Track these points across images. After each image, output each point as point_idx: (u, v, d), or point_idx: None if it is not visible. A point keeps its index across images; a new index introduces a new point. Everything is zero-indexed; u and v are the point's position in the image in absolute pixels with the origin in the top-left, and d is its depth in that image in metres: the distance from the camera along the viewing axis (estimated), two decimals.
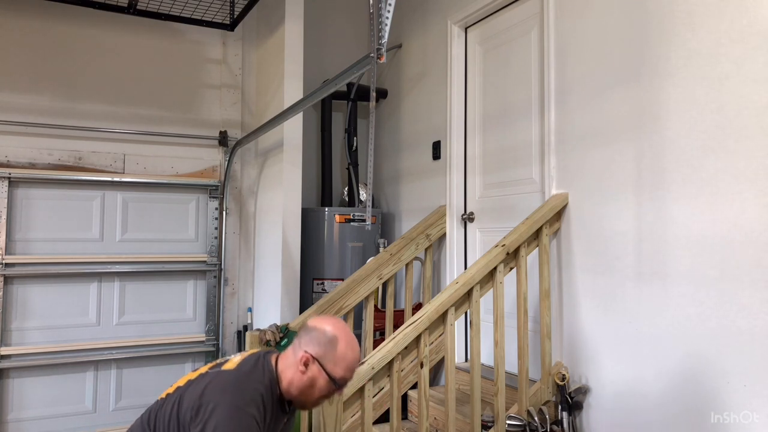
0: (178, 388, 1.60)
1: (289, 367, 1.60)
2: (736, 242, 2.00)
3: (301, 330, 1.64)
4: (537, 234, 2.65)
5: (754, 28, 1.98)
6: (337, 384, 1.58)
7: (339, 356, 1.57)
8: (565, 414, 2.50)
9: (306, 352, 1.57)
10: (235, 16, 3.86)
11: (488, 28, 3.34)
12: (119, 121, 3.86)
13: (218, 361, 1.68)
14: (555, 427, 2.51)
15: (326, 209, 3.83)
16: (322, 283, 3.79)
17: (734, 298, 2.00)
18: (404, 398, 3.21)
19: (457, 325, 2.67)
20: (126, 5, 3.58)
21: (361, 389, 2.13)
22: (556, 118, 2.76)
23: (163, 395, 1.63)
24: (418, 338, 2.27)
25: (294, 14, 3.64)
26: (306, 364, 1.56)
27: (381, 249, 3.74)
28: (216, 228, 4.05)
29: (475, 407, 2.38)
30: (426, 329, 2.28)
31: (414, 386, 3.08)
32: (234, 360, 1.62)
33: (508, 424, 2.42)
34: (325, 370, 1.56)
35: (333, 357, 1.57)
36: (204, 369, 1.64)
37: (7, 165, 3.55)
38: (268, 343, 2.74)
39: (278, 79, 3.70)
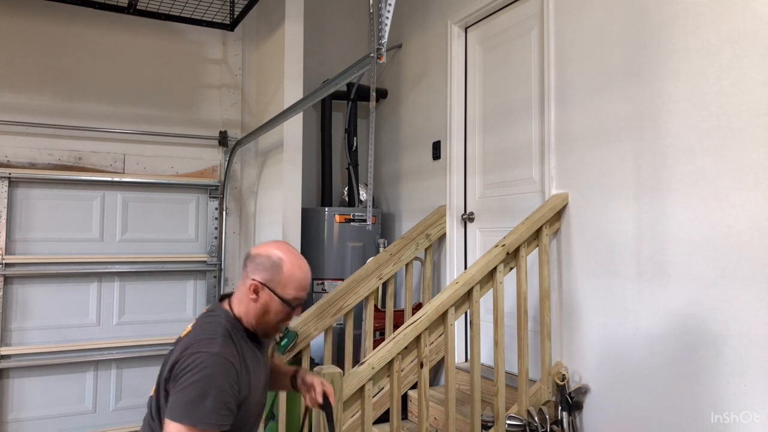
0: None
1: (242, 300, 1.59)
2: (736, 242, 2.00)
3: (246, 260, 1.61)
4: (537, 234, 2.65)
5: (754, 28, 1.98)
6: (290, 305, 1.58)
7: (287, 277, 1.57)
8: (565, 414, 2.50)
9: (254, 279, 1.56)
10: (235, 16, 3.86)
11: (488, 28, 3.34)
12: (119, 121, 3.86)
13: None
14: (555, 427, 2.51)
15: (326, 209, 3.83)
16: (322, 283, 3.79)
17: (734, 297, 2.00)
18: (404, 398, 3.21)
19: (457, 325, 2.67)
20: (126, 5, 3.58)
21: (361, 389, 2.13)
22: (556, 118, 2.76)
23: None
24: (418, 338, 2.27)
25: (294, 14, 3.64)
26: (256, 292, 1.56)
27: (381, 249, 3.74)
28: (216, 228, 4.05)
29: (475, 407, 2.38)
30: (426, 329, 2.28)
31: (414, 386, 3.08)
32: (188, 327, 1.61)
33: (508, 424, 2.42)
34: (275, 294, 1.56)
35: (281, 279, 1.56)
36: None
37: (7, 165, 3.55)
38: None
39: (278, 79, 3.70)
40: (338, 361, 3.38)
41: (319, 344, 3.33)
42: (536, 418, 2.46)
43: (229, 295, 1.66)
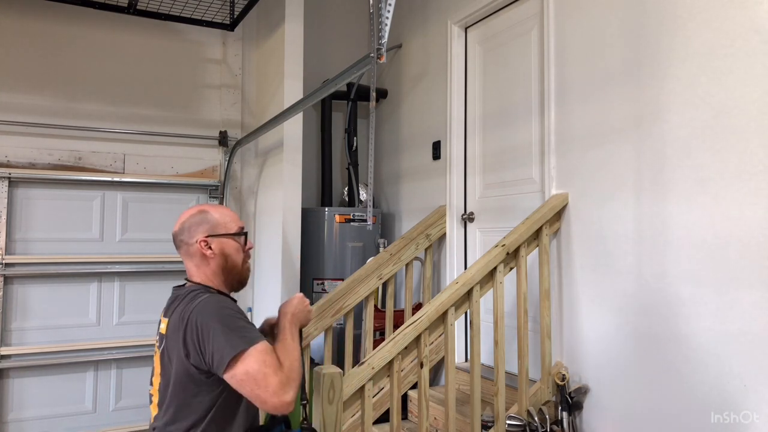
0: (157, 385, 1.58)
1: (200, 268, 1.60)
2: (735, 242, 2.00)
3: (177, 238, 1.63)
4: (537, 234, 2.65)
5: (754, 27, 1.98)
6: (241, 234, 1.65)
7: (220, 218, 1.62)
8: (565, 414, 2.50)
9: (197, 241, 1.58)
10: (235, 16, 3.86)
11: (488, 28, 3.34)
12: (119, 121, 3.86)
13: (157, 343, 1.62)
14: (555, 427, 2.51)
15: (326, 209, 3.83)
16: (322, 283, 3.79)
17: (733, 297, 2.00)
18: (404, 398, 3.21)
19: (457, 325, 2.67)
20: (126, 5, 3.58)
21: (361, 389, 2.13)
22: (556, 118, 2.76)
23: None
24: (418, 338, 2.27)
25: (294, 14, 3.64)
26: (209, 246, 1.59)
27: (381, 249, 3.74)
28: None
29: (475, 407, 2.38)
30: (426, 329, 2.28)
31: (414, 386, 3.08)
32: (163, 324, 1.58)
33: (508, 424, 2.42)
34: (223, 235, 1.61)
35: (217, 222, 1.61)
36: (156, 360, 1.60)
37: (7, 165, 3.55)
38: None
39: (278, 79, 3.70)
40: (338, 361, 3.38)
41: (319, 344, 3.33)
42: (536, 418, 2.46)
43: (182, 285, 1.66)
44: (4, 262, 3.48)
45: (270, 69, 3.89)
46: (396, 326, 3.38)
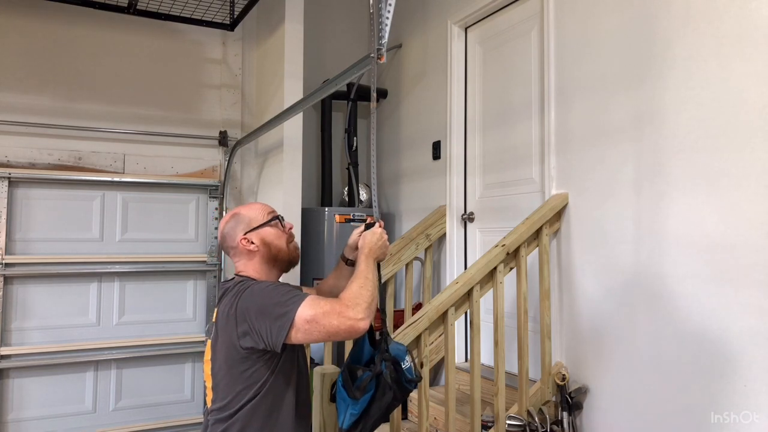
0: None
1: (247, 264, 1.69)
2: (735, 243, 2.00)
3: (223, 244, 1.74)
4: (537, 234, 2.65)
5: (754, 29, 1.98)
6: (276, 220, 1.74)
7: (250, 213, 1.72)
8: (565, 414, 2.50)
9: (238, 240, 1.68)
10: (235, 16, 3.86)
11: (488, 28, 3.34)
12: (119, 121, 3.86)
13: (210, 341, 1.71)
14: (555, 427, 2.51)
15: (326, 209, 3.83)
16: None
17: (733, 297, 2.00)
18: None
19: (457, 325, 2.66)
20: (126, 5, 3.58)
21: None
22: (556, 118, 2.76)
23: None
24: (418, 338, 2.27)
25: (294, 14, 3.63)
26: (251, 242, 1.68)
27: None
28: (216, 228, 4.05)
29: (475, 407, 2.38)
30: (426, 329, 2.28)
31: None
32: (215, 310, 1.69)
33: (508, 424, 2.42)
34: (261, 226, 1.70)
35: (250, 217, 1.71)
36: (208, 350, 1.69)
37: (7, 165, 3.55)
38: None
39: (278, 79, 3.69)
40: (338, 361, 3.38)
41: (320, 344, 3.33)
42: (536, 418, 2.46)
43: (231, 279, 1.74)
44: (4, 262, 3.47)
45: (270, 69, 3.89)
46: (396, 326, 3.38)
